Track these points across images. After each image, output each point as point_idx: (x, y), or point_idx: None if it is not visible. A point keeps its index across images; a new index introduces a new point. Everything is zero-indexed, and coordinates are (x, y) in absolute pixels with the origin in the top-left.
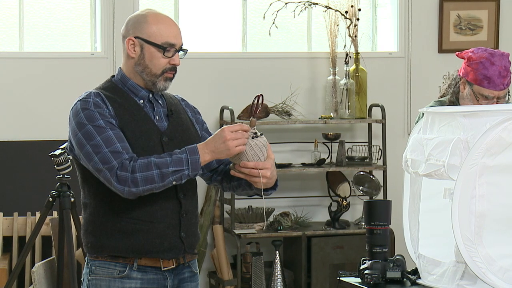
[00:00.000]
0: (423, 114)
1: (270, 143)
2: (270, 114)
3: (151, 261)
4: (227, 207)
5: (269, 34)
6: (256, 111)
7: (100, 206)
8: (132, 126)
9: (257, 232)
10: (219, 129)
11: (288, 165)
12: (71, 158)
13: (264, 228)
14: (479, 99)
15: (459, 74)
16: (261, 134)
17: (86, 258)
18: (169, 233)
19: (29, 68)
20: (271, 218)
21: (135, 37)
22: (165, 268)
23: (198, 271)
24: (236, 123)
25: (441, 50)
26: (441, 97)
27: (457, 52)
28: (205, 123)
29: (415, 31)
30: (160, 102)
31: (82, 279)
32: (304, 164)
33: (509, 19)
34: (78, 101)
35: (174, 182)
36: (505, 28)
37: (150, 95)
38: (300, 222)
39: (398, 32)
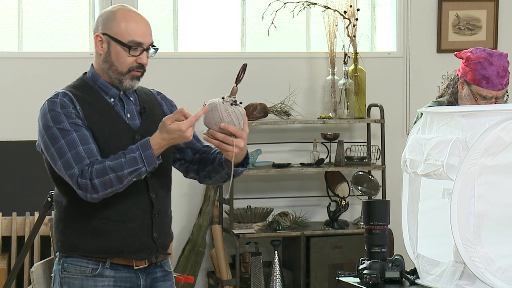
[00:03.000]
0: (421, 114)
1: (269, 143)
2: (269, 114)
3: (124, 259)
4: (226, 207)
5: (268, 34)
6: (239, 79)
7: (71, 205)
8: (101, 127)
9: (256, 232)
10: (161, 122)
11: (287, 165)
12: None
13: (229, 192)
14: (477, 99)
15: (457, 74)
16: (240, 103)
17: (57, 254)
18: (141, 233)
19: (28, 68)
20: (269, 218)
21: (103, 34)
22: (137, 267)
23: (171, 269)
24: None
25: (440, 50)
26: (440, 97)
27: (455, 52)
28: None
29: (414, 31)
30: (131, 99)
31: (52, 275)
32: (303, 164)
33: (508, 19)
34: (46, 101)
35: (134, 179)
36: (504, 28)
37: (121, 93)
38: (299, 222)
39: (397, 32)
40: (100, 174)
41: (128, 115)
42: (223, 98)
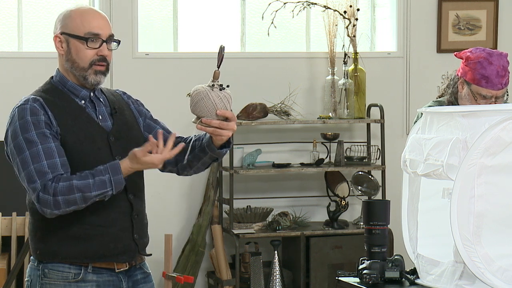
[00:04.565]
0: (421, 114)
1: (268, 143)
2: (268, 114)
3: (106, 263)
4: (225, 207)
5: (268, 34)
6: (219, 62)
7: None
8: (75, 131)
9: (255, 232)
10: (130, 153)
11: (287, 165)
12: None
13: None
14: (477, 98)
15: (457, 74)
16: (227, 86)
17: (31, 259)
18: (122, 236)
19: (28, 68)
20: (269, 218)
21: (61, 33)
22: (119, 270)
23: (150, 271)
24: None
25: (439, 50)
26: (440, 97)
27: (455, 52)
28: (149, 111)
29: (413, 31)
30: (101, 100)
31: (27, 281)
32: (302, 164)
33: (507, 19)
34: (16, 107)
35: (97, 199)
36: (504, 28)
37: (91, 94)
38: (299, 222)
39: (396, 32)
40: (65, 192)
41: (100, 117)
42: (212, 85)
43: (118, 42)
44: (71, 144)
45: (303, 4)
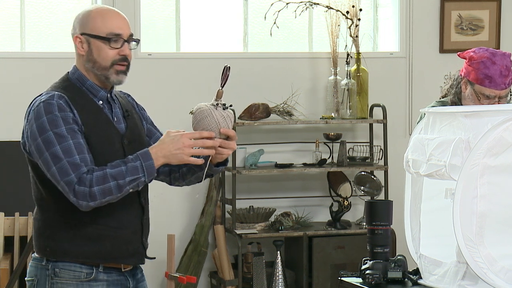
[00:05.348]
0: (424, 114)
1: (271, 143)
2: (271, 114)
3: (115, 263)
4: (228, 207)
5: (270, 34)
6: (223, 82)
7: (63, 210)
8: (96, 131)
9: (258, 232)
10: (178, 134)
11: (289, 165)
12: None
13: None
14: (480, 98)
15: (460, 74)
16: (230, 106)
17: (34, 256)
18: (133, 239)
19: (30, 68)
20: (272, 218)
21: (81, 34)
22: (125, 270)
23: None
24: (237, 123)
25: (442, 50)
26: (443, 97)
27: (458, 52)
28: (149, 118)
29: (416, 31)
30: (116, 102)
31: (32, 280)
32: (305, 164)
33: (510, 19)
34: (40, 102)
35: (130, 190)
36: (507, 28)
37: (108, 95)
38: (301, 222)
39: (399, 32)
40: (100, 182)
41: (115, 119)
42: (216, 104)
43: (138, 41)
44: (93, 145)
45: (305, 4)
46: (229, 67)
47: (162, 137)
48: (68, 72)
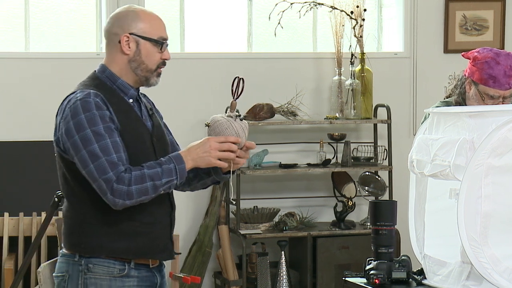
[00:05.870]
0: (429, 114)
1: (275, 144)
2: (275, 115)
3: (144, 259)
4: (232, 207)
5: (275, 34)
6: (236, 93)
7: (99, 207)
8: (129, 129)
9: (262, 232)
10: (205, 138)
11: (294, 166)
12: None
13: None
14: (484, 99)
15: (464, 75)
16: (245, 117)
17: (64, 253)
18: (163, 235)
19: (34, 69)
20: (276, 219)
21: (129, 34)
22: (153, 266)
23: None
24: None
25: (446, 50)
26: (447, 98)
27: (463, 53)
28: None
29: (420, 31)
30: (142, 101)
31: (63, 275)
32: (309, 165)
33: None
34: (77, 100)
35: (162, 192)
36: (511, 28)
37: (137, 94)
38: (306, 223)
39: (403, 32)
40: (138, 181)
41: (143, 117)
42: (236, 116)
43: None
44: (126, 143)
45: (310, 4)
46: (242, 78)
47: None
48: (95, 70)
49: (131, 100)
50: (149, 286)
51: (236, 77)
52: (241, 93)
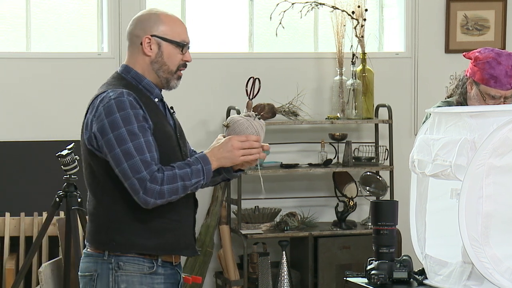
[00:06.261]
0: (430, 114)
1: (276, 144)
2: (276, 115)
3: (168, 256)
4: (233, 207)
5: (276, 34)
6: (252, 93)
7: (130, 204)
8: (159, 127)
9: (263, 232)
10: (227, 138)
11: (295, 166)
12: (78, 158)
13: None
14: (486, 99)
15: (466, 75)
16: (262, 115)
17: (88, 252)
18: (188, 232)
19: (36, 69)
20: (277, 219)
21: (151, 36)
22: (175, 263)
23: None
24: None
25: (448, 50)
26: (449, 97)
27: (464, 53)
28: None
29: (422, 31)
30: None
31: (90, 275)
32: (310, 165)
33: None
34: (111, 99)
35: (189, 192)
36: None
37: (161, 94)
38: (307, 223)
39: (405, 32)
40: (170, 181)
41: (167, 116)
42: (256, 115)
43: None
44: (158, 142)
45: (311, 4)
46: (258, 78)
47: (213, 143)
48: (117, 71)
49: (156, 100)
50: (173, 283)
51: (251, 77)
52: (257, 93)
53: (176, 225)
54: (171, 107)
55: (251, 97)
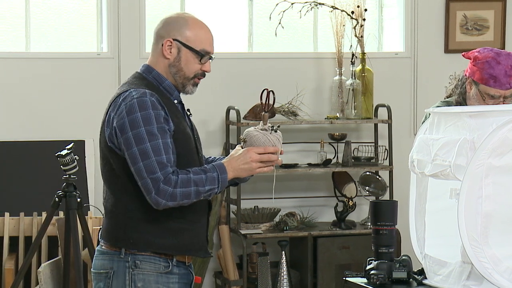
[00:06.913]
0: (429, 114)
1: None
2: (276, 114)
3: (181, 256)
4: (233, 207)
5: (275, 34)
6: (267, 106)
7: (149, 204)
8: (180, 129)
9: (263, 232)
10: (245, 149)
11: (294, 165)
12: (77, 158)
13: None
14: (485, 98)
15: (465, 74)
16: (278, 127)
17: (114, 252)
18: (202, 233)
19: (35, 69)
20: (277, 218)
21: (173, 39)
22: (188, 264)
23: None
24: (242, 123)
25: (447, 50)
26: (448, 97)
27: (463, 53)
28: None
29: (421, 31)
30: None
31: (106, 272)
32: (310, 164)
33: None
34: (133, 98)
35: (202, 198)
36: (511, 28)
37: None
38: (306, 223)
39: (404, 32)
40: (184, 184)
41: (185, 117)
42: (271, 128)
43: (212, 59)
44: (179, 141)
45: (310, 4)
46: (272, 91)
47: (231, 153)
48: (138, 71)
49: (176, 101)
50: (186, 283)
51: (265, 89)
52: (273, 105)
53: (192, 225)
54: (188, 110)
55: (266, 109)
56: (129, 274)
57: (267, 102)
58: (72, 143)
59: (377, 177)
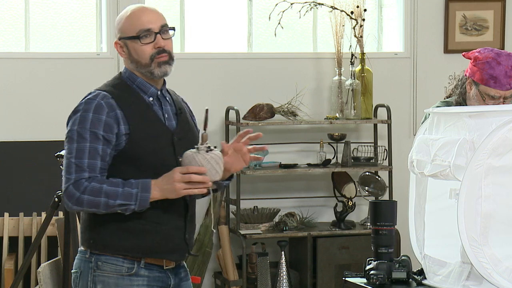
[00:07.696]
0: (429, 114)
1: (275, 144)
2: (275, 115)
3: (156, 259)
4: (232, 207)
5: (275, 34)
6: (205, 126)
7: None
8: (142, 128)
9: (262, 232)
10: (172, 170)
11: (294, 166)
12: None
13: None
14: (485, 99)
15: (465, 75)
16: (214, 147)
17: (80, 250)
18: (174, 235)
19: (34, 69)
20: (276, 219)
21: (119, 39)
22: (167, 267)
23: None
24: (241, 123)
25: (446, 50)
26: (448, 98)
27: (463, 53)
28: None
29: (420, 31)
30: (167, 99)
31: (75, 272)
32: (309, 165)
33: None
34: (85, 98)
35: (118, 211)
36: (511, 28)
37: (159, 92)
38: (306, 223)
39: (403, 32)
40: (93, 193)
41: (166, 115)
42: (206, 147)
43: (173, 29)
44: (137, 141)
45: (310, 4)
46: (207, 109)
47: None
48: (121, 72)
49: (151, 99)
50: (162, 287)
51: (207, 108)
52: (206, 125)
53: (155, 227)
54: (179, 109)
55: (204, 129)
56: (91, 275)
57: (205, 122)
58: None
59: (377, 177)
